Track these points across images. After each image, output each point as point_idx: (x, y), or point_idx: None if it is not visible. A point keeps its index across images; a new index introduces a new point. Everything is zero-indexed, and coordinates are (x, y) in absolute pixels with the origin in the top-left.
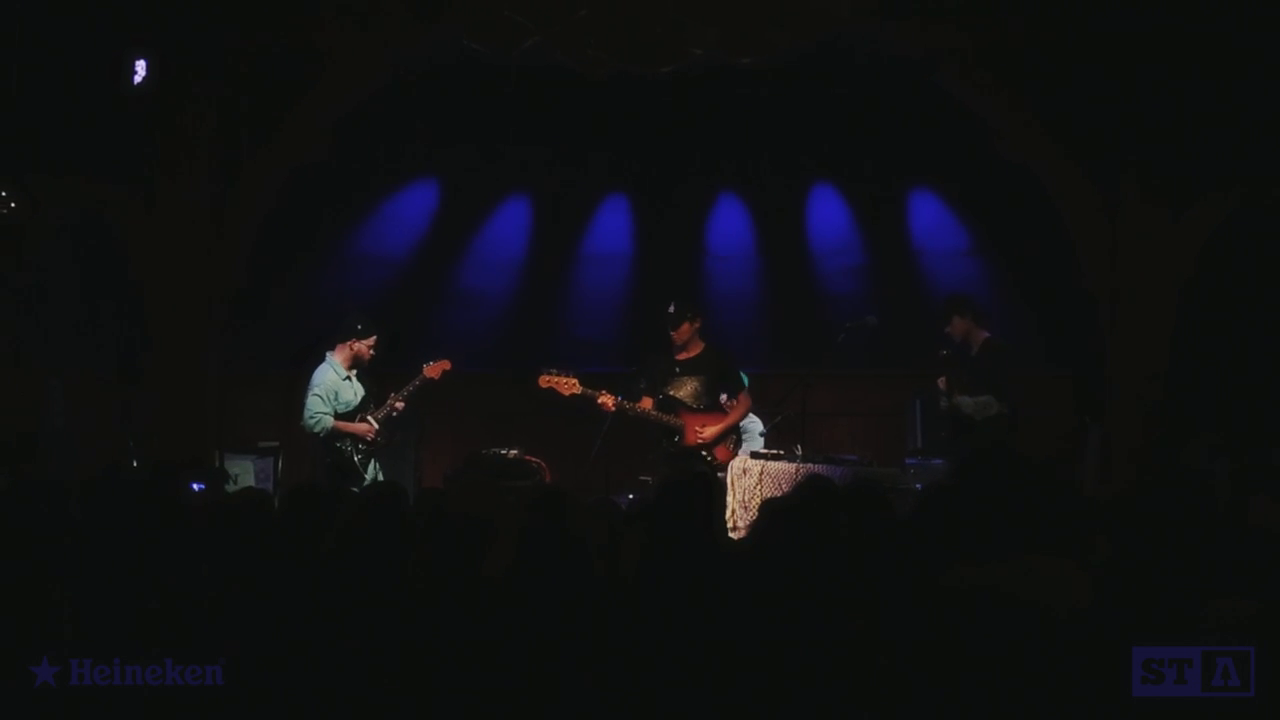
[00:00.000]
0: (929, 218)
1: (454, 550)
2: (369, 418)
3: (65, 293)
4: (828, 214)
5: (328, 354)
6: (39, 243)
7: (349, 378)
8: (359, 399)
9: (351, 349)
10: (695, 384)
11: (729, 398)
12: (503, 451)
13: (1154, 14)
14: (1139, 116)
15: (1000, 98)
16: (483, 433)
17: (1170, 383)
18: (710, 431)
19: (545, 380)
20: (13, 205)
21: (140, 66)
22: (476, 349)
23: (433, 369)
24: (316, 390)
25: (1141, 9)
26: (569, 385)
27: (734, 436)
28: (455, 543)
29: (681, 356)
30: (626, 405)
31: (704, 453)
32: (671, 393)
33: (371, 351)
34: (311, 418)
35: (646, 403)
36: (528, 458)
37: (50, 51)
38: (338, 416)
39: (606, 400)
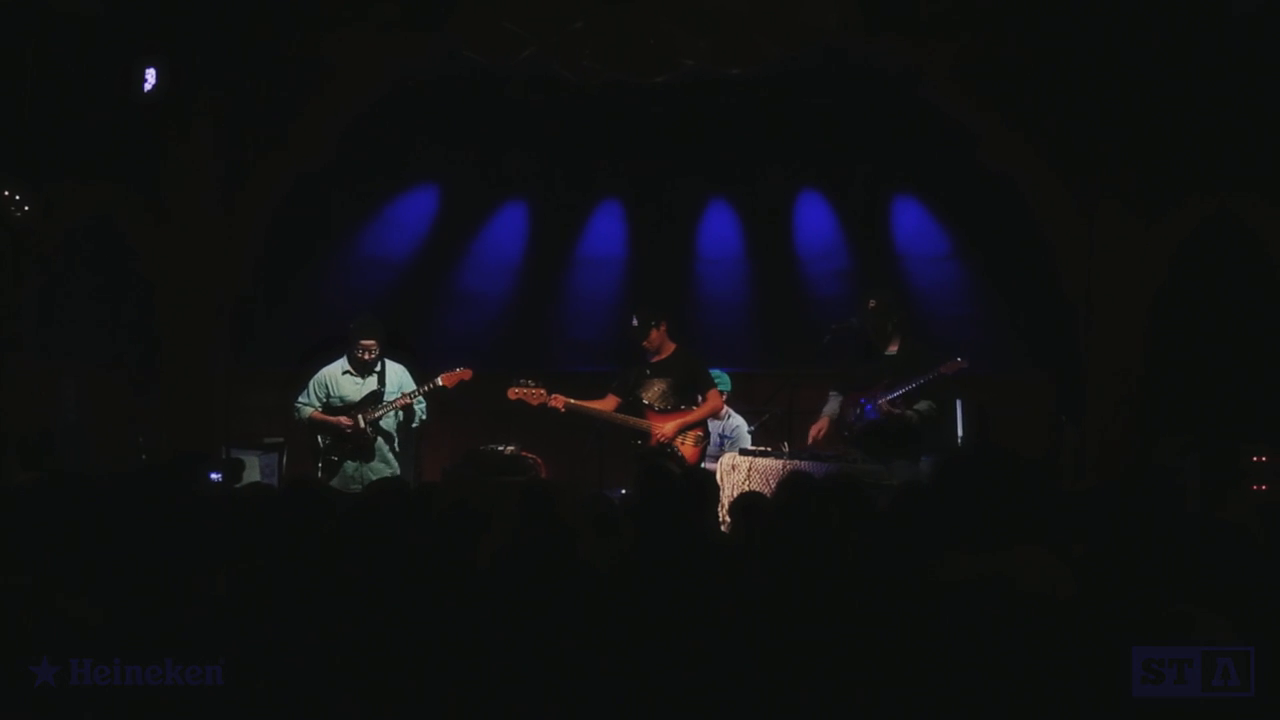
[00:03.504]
0: (912, 223)
1: (446, 543)
2: (358, 415)
3: (78, 293)
4: (814, 219)
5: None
6: (53, 245)
7: (349, 371)
8: (362, 395)
9: (349, 346)
10: (662, 385)
11: (701, 397)
12: (499, 448)
13: (1130, 28)
14: (1115, 127)
15: (981, 108)
16: (481, 429)
17: (1143, 383)
18: (669, 427)
19: (514, 393)
20: (27, 209)
21: (150, 75)
22: (475, 349)
23: (449, 378)
24: (312, 380)
25: (1119, 24)
26: (536, 395)
27: (701, 435)
28: (447, 536)
29: (654, 359)
30: (574, 404)
31: (672, 451)
32: (639, 394)
33: (365, 355)
34: (295, 404)
35: (609, 402)
36: (524, 454)
37: (63, 61)
38: (331, 410)
39: (557, 402)
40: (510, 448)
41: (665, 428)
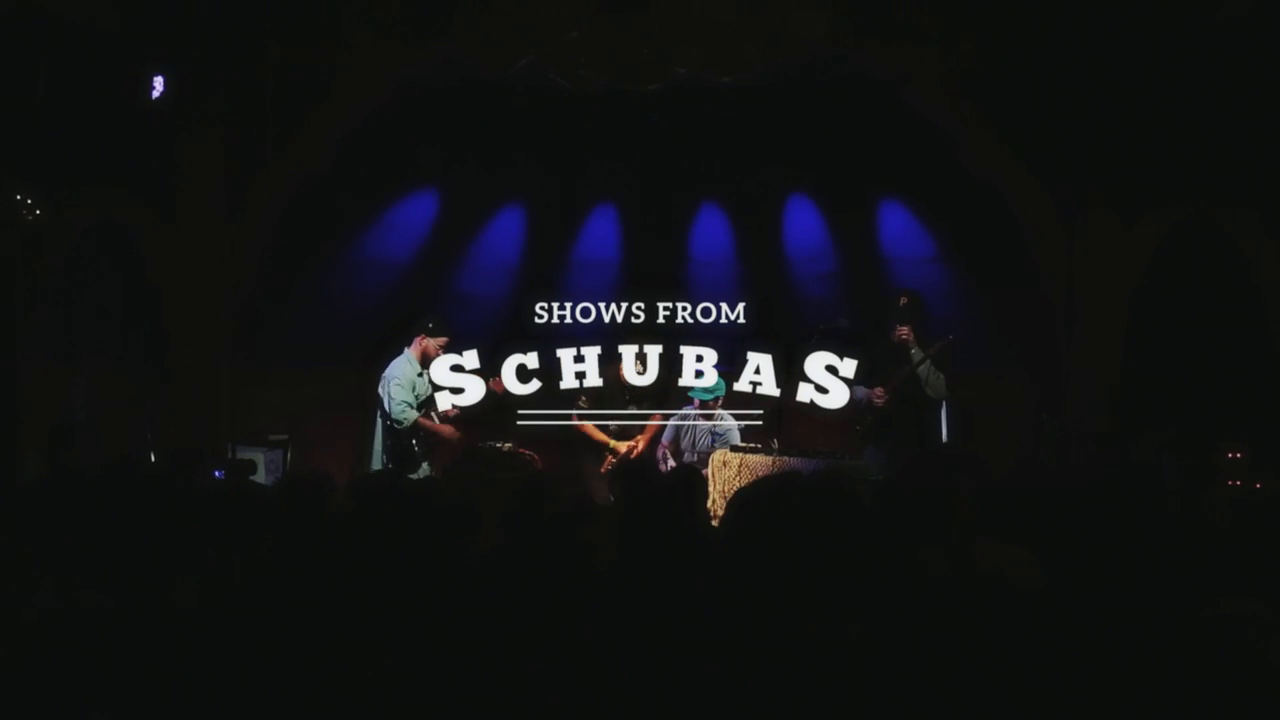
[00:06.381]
0: (897, 226)
1: (441, 537)
2: (437, 418)
3: (88, 295)
4: (803, 222)
5: (405, 349)
6: (63, 248)
7: (422, 374)
8: (427, 395)
9: (421, 345)
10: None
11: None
12: (498, 445)
13: (1110, 36)
14: (1094, 133)
15: (964, 114)
16: (478, 427)
17: (1122, 381)
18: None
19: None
20: (38, 213)
21: (158, 82)
22: (472, 349)
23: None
24: (399, 381)
25: (1099, 32)
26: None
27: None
28: (443, 530)
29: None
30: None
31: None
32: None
33: (440, 352)
34: (399, 408)
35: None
36: (521, 450)
37: (74, 69)
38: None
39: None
40: (507, 445)
41: (636, 442)
